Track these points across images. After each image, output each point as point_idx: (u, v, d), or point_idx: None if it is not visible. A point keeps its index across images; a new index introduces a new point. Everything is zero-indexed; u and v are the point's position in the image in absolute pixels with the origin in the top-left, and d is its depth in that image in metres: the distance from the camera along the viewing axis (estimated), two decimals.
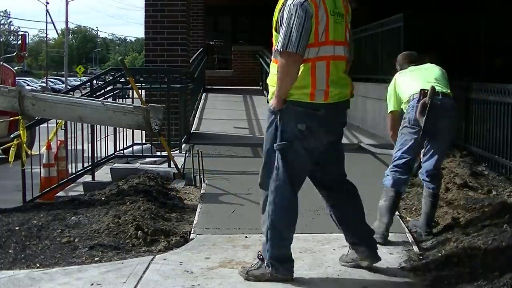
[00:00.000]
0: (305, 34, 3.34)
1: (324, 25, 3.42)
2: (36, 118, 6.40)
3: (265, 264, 3.57)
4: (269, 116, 3.55)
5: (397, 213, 5.16)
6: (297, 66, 3.39)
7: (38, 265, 4.00)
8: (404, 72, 4.92)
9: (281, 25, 3.41)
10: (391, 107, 4.95)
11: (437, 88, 4.55)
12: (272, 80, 3.55)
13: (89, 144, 7.08)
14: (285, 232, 3.58)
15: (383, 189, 4.64)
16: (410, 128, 4.58)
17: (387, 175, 4.63)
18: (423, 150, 4.73)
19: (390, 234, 4.56)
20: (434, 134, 4.57)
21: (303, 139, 3.47)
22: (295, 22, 3.32)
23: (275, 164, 3.52)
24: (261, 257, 3.64)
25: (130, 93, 8.64)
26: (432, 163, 4.64)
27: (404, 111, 4.76)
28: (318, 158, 3.62)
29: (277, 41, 3.45)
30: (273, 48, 3.56)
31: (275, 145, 3.50)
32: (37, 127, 7.88)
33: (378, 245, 4.33)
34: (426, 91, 4.50)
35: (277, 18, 3.47)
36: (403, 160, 4.57)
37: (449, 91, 4.68)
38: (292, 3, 3.36)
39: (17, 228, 4.70)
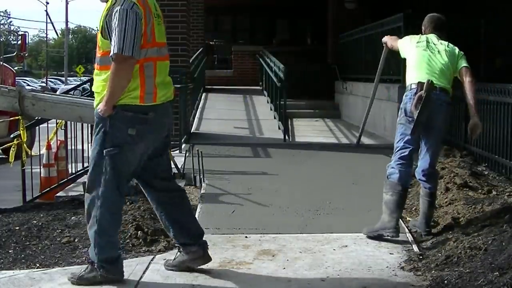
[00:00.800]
0: (139, 37, 3.38)
1: (150, 27, 3.48)
2: (36, 118, 6.39)
3: (95, 267, 3.55)
4: (98, 122, 3.52)
5: None
6: (131, 70, 3.40)
7: (38, 265, 4.00)
8: (420, 42, 4.79)
9: (109, 31, 3.43)
10: (398, 45, 5.05)
11: (435, 82, 4.54)
12: (99, 87, 3.53)
13: (89, 144, 7.07)
14: (113, 236, 3.60)
15: (386, 182, 4.62)
16: (407, 118, 4.59)
17: (392, 168, 4.60)
18: (419, 149, 4.73)
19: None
20: (428, 129, 4.58)
21: (133, 143, 3.49)
22: (128, 25, 3.34)
23: (103, 170, 3.49)
24: (90, 260, 3.60)
25: None
26: (428, 162, 4.64)
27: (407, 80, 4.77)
28: (146, 160, 3.65)
29: (103, 47, 3.47)
30: (97, 55, 3.56)
31: (104, 150, 3.48)
32: (37, 127, 7.88)
33: (378, 244, 4.35)
34: (423, 84, 4.49)
35: (103, 24, 3.47)
36: (407, 152, 4.57)
37: (448, 86, 4.66)
38: (121, 8, 3.37)
39: (17, 228, 4.70)
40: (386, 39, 5.48)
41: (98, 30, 3.57)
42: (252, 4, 19.86)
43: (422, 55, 4.70)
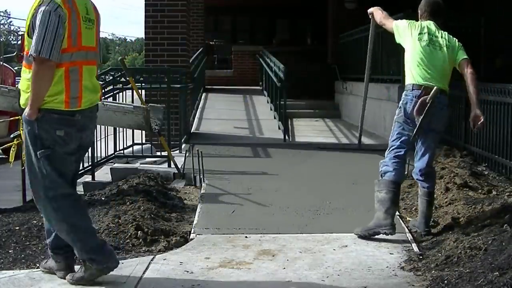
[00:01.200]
0: (58, 39, 3.33)
1: (76, 30, 3.43)
2: None
3: (88, 264, 3.53)
4: (26, 125, 3.49)
5: (397, 213, 5.17)
6: (50, 72, 3.36)
7: (38, 265, 4.00)
8: (422, 34, 4.64)
9: (33, 31, 3.38)
10: (393, 28, 4.82)
11: (437, 84, 4.51)
12: (24, 85, 3.51)
13: None
14: (84, 225, 3.54)
15: (380, 181, 4.61)
16: (406, 119, 4.57)
17: (386, 166, 4.59)
18: (416, 149, 4.73)
19: None
20: (427, 132, 4.57)
21: (63, 144, 3.47)
22: (48, 28, 3.30)
23: (44, 172, 3.45)
24: (81, 260, 3.58)
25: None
26: (425, 161, 4.63)
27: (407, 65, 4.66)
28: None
29: (28, 46, 3.42)
30: (24, 53, 3.51)
31: (38, 153, 3.44)
32: None
33: (378, 244, 4.34)
34: (429, 89, 4.47)
35: (29, 23, 3.42)
36: (402, 151, 4.58)
37: (447, 86, 4.64)
38: (45, 9, 3.33)
39: (17, 228, 4.70)
40: (374, 10, 5.20)
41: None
42: (252, 4, 19.86)
43: (424, 52, 4.60)
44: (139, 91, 7.10)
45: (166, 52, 9.05)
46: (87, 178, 7.09)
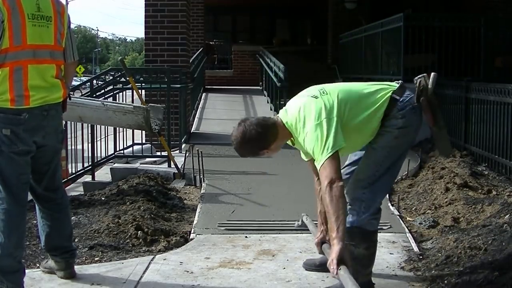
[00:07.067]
0: None
1: (20, 29, 3.29)
2: None
3: None
4: None
5: (396, 212, 5.18)
6: None
7: (38, 265, 4.00)
8: None
9: None
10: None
11: None
12: None
13: (89, 144, 7.09)
14: (7, 244, 3.30)
15: (354, 231, 3.28)
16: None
17: (364, 217, 3.31)
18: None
19: (390, 234, 4.57)
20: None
21: (11, 144, 3.34)
22: None
23: None
24: None
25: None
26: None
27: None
28: (33, 164, 3.48)
29: None
30: None
31: None
32: None
33: (378, 244, 4.33)
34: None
35: None
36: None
37: None
38: None
39: None
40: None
41: None
42: (252, 4, 19.86)
43: None
44: (139, 91, 7.10)
45: (166, 52, 9.05)
46: (87, 178, 7.10)
